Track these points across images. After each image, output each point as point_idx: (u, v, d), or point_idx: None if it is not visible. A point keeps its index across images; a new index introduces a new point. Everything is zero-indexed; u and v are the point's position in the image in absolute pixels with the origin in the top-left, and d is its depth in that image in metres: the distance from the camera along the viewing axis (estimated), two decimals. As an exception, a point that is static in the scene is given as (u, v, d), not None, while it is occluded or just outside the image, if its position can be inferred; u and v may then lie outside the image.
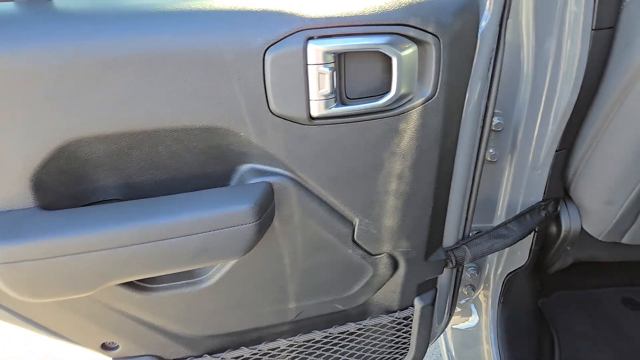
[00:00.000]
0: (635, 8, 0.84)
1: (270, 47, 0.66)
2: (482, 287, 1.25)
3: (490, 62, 0.82)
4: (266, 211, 0.75)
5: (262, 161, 0.75)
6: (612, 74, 0.91)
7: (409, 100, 0.74)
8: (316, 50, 0.67)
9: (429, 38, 0.70)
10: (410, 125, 0.76)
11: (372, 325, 1.04)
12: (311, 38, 0.67)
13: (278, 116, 0.70)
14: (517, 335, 1.26)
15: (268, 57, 0.66)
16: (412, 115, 0.75)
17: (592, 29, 0.86)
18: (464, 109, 0.82)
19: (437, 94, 0.75)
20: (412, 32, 0.69)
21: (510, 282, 1.22)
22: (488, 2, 0.78)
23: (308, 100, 0.69)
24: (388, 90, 0.72)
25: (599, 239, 1.16)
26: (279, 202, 0.78)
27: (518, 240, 1.05)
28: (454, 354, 1.37)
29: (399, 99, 0.73)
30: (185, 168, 0.75)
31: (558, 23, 0.87)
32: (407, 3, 0.70)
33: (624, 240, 1.16)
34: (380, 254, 0.91)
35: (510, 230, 1.04)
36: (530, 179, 1.06)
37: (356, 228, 0.85)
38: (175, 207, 0.71)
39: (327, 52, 0.67)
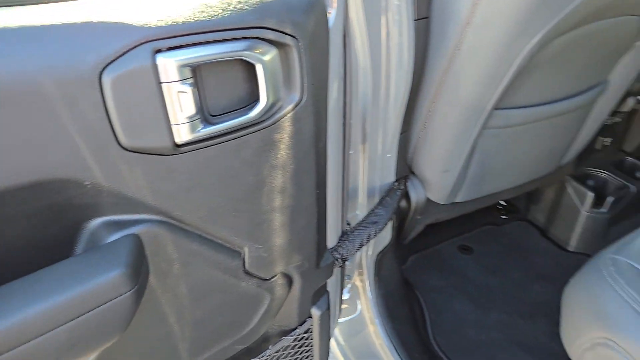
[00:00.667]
0: None
1: (108, 67, 0.51)
2: (356, 273, 1.29)
3: (342, 58, 0.81)
4: (141, 271, 0.61)
5: (118, 210, 0.60)
6: (433, 59, 1.00)
7: (279, 108, 0.68)
8: (169, 65, 0.55)
9: (288, 40, 0.65)
10: (285, 135, 0.71)
11: (275, 353, 0.98)
12: (159, 51, 0.54)
13: (132, 151, 0.57)
14: (395, 308, 1.34)
15: (106, 80, 0.51)
16: (285, 123, 0.70)
17: (414, 19, 0.93)
18: (328, 109, 0.80)
19: (304, 97, 0.71)
20: (270, 35, 0.63)
21: (380, 262, 1.28)
22: None
23: (169, 125, 0.58)
24: (256, 101, 0.65)
25: (441, 203, 1.29)
26: (152, 255, 0.65)
27: (387, 222, 1.10)
28: (343, 344, 1.39)
29: (270, 109, 0.67)
30: (8, 242, 0.57)
31: (384, 15, 0.92)
32: (260, 3, 0.63)
33: (457, 200, 1.32)
34: (274, 276, 0.84)
35: (379, 216, 1.08)
36: (382, 164, 1.11)
37: (246, 257, 0.77)
38: (14, 302, 0.53)
39: (182, 66, 0.56)
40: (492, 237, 1.78)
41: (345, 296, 1.29)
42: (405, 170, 1.22)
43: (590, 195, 1.62)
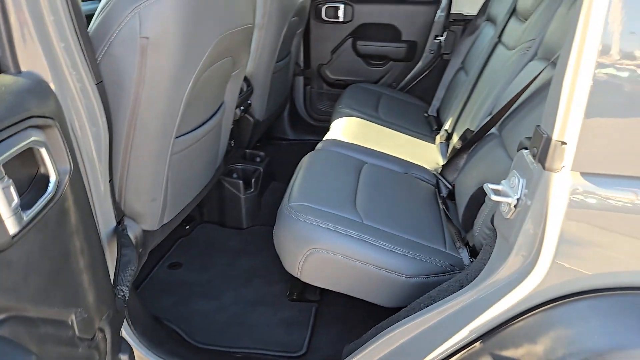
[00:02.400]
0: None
1: None
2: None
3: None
4: None
5: None
6: (117, 112, 1.20)
7: (61, 180, 0.80)
8: None
9: (49, 121, 0.77)
10: (70, 201, 0.82)
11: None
12: None
13: None
14: (155, 335, 1.49)
15: None
16: (67, 191, 0.82)
17: (96, 84, 1.11)
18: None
19: (72, 167, 0.84)
20: (39, 121, 0.74)
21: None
22: None
23: (2, 221, 0.64)
24: (48, 179, 0.76)
25: (155, 229, 1.51)
26: (11, 346, 0.68)
27: (138, 257, 1.25)
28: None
29: (57, 182, 0.78)
30: None
31: (72, 84, 1.06)
32: (12, 96, 0.72)
33: (165, 221, 1.57)
34: (95, 334, 0.92)
35: (128, 255, 1.22)
36: (102, 212, 1.24)
37: (75, 324, 0.84)
38: None
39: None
40: (189, 246, 2.09)
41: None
42: (120, 213, 1.37)
43: (241, 183, 2.15)
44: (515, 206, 0.92)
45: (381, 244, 1.36)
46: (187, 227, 2.20)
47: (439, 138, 2.10)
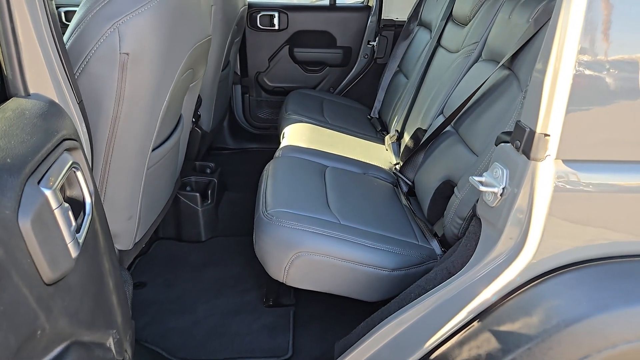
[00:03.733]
0: None
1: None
2: None
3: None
4: None
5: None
6: (96, 130, 1.16)
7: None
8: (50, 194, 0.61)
9: (75, 143, 0.75)
10: (97, 223, 0.80)
11: None
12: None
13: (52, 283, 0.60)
14: None
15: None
16: (94, 213, 0.79)
17: (77, 102, 1.07)
18: None
19: (95, 187, 0.81)
20: (69, 144, 0.72)
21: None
22: None
23: (66, 245, 0.63)
24: (84, 201, 0.73)
25: (130, 248, 1.46)
26: None
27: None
28: None
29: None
30: None
31: None
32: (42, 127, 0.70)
33: (137, 239, 1.52)
34: (124, 355, 0.89)
35: (123, 276, 1.18)
36: None
37: (112, 346, 0.81)
38: None
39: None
40: (150, 265, 2.02)
41: None
42: None
43: (198, 196, 2.11)
44: (501, 195, 1.03)
45: (362, 242, 1.42)
46: (144, 245, 2.12)
47: (389, 138, 2.22)
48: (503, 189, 1.02)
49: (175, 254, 2.10)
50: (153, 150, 1.38)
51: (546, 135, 0.91)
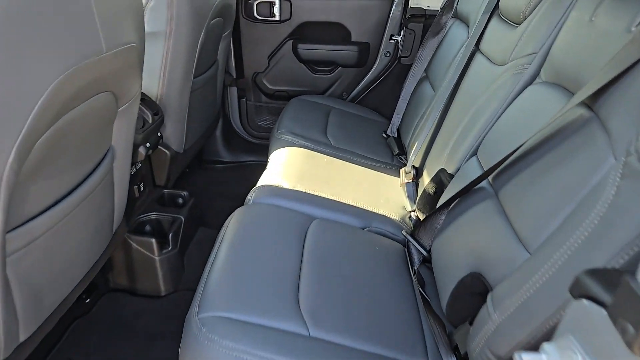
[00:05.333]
0: None
1: None
2: None
3: None
4: None
5: None
6: None
7: None
8: None
9: None
10: None
11: None
12: None
13: None
14: None
15: None
16: None
17: None
18: None
19: None
20: None
21: None
22: None
23: None
24: None
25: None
26: None
27: None
28: None
29: None
30: None
31: None
32: None
33: (21, 339, 1.07)
34: None
35: None
36: None
37: None
38: None
39: None
40: (88, 331, 1.58)
41: None
42: None
43: (154, 242, 1.64)
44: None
45: (338, 375, 0.91)
46: (88, 300, 1.68)
47: (403, 173, 1.67)
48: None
49: (123, 317, 1.64)
50: (15, 228, 0.91)
51: None
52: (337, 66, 2.49)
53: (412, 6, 2.36)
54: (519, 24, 1.30)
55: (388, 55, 2.44)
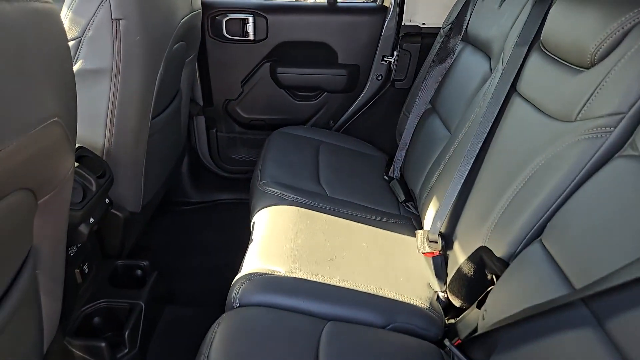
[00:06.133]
0: None
1: None
2: None
3: None
4: None
5: None
6: None
7: None
8: None
9: None
10: None
11: None
12: None
13: None
14: None
15: None
16: None
17: None
18: None
19: None
20: None
21: None
22: None
23: None
24: None
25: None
26: None
27: None
28: None
29: None
30: None
31: None
32: None
33: None
34: None
35: None
36: None
37: None
38: None
39: None
40: None
41: None
42: None
43: (101, 346, 1.26)
44: None
45: None
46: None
47: (422, 238, 1.34)
48: None
49: None
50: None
51: None
52: (323, 91, 2.15)
53: (406, 23, 2.04)
54: (586, 68, 0.99)
55: (380, 78, 2.11)
